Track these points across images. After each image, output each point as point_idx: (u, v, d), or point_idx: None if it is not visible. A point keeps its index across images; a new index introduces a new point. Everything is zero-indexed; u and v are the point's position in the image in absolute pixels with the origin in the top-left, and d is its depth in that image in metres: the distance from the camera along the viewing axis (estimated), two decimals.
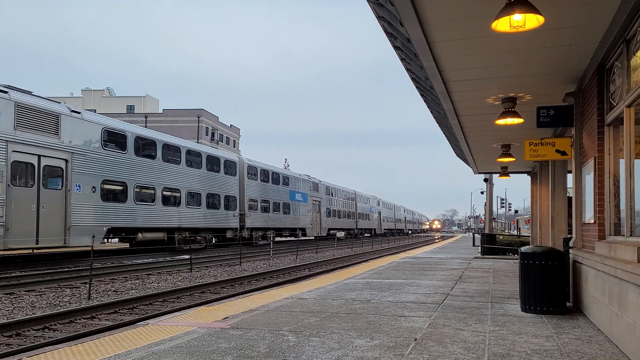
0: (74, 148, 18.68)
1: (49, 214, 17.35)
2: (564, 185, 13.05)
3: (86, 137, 19.34)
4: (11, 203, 15.90)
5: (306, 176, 44.15)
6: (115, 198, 20.97)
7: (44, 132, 17.39)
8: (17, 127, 16.34)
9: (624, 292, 5.01)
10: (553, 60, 7.12)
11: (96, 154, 19.79)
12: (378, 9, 6.07)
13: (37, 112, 17.16)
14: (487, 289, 9.96)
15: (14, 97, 16.35)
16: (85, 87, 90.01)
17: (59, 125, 17.98)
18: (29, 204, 16.61)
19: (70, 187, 18.37)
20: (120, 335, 5.72)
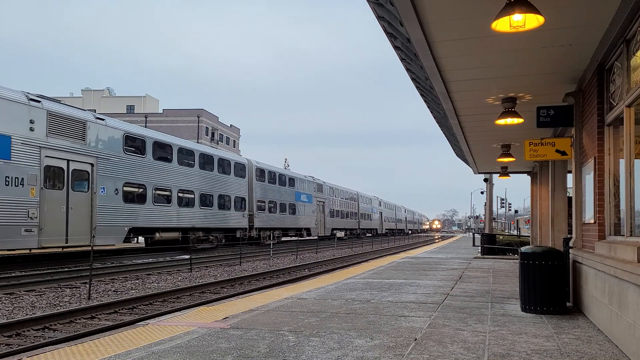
0: (99, 153, 19.85)
1: (77, 215, 18.57)
2: (564, 185, 13.05)
3: (109, 142, 20.50)
4: (44, 205, 17.07)
5: (311, 177, 45.05)
6: (136, 200, 22.03)
7: (72, 138, 18.55)
8: (48, 134, 17.49)
9: (624, 292, 5.01)
10: (553, 60, 7.12)
11: (118, 158, 20.90)
12: (378, 9, 6.07)
13: (66, 120, 18.29)
14: (487, 289, 9.96)
15: (46, 106, 17.53)
16: (85, 87, 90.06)
17: (85, 132, 19.18)
18: (60, 206, 17.77)
19: (96, 189, 19.55)
20: (120, 335, 5.72)
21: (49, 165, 17.43)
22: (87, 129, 19.22)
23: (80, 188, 18.92)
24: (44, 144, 17.26)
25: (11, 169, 16.11)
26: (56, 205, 17.55)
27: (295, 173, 42.81)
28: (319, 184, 46.80)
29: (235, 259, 22.89)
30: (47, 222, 17.09)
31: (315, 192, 45.32)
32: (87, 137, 19.24)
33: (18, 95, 16.69)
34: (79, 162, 18.75)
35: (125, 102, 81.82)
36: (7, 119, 16.00)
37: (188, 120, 67.15)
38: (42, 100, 17.52)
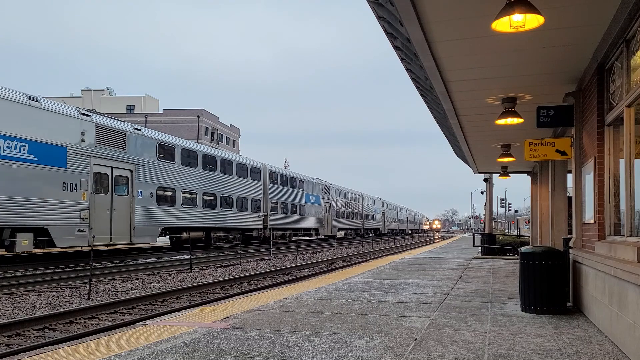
0: (137, 160, 21.98)
1: (119, 216, 20.73)
2: (564, 185, 13.04)
3: (145, 151, 22.67)
4: (93, 207, 19.22)
5: (318, 180, 47.31)
6: (167, 202, 24.22)
7: (115, 147, 20.70)
8: (96, 144, 19.67)
9: (624, 292, 5.01)
10: (553, 60, 7.12)
11: (152, 165, 23.10)
12: (378, 9, 6.07)
13: (110, 131, 20.49)
14: (487, 289, 9.96)
15: (93, 119, 19.78)
16: (86, 87, 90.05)
17: (125, 141, 21.33)
18: (105, 208, 20.00)
19: (134, 193, 21.68)
20: (120, 335, 5.72)
21: (97, 172, 19.64)
22: (126, 138, 21.40)
23: (121, 192, 21.01)
24: (93, 153, 19.46)
25: (67, 176, 18.25)
26: (102, 207, 19.80)
27: (304, 175, 44.35)
28: (326, 185, 48.91)
29: (235, 259, 22.90)
30: (95, 223, 19.26)
31: (323, 193, 47.54)
32: (127, 146, 21.41)
33: (71, 110, 19.18)
34: (120, 169, 20.94)
35: (125, 102, 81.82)
36: (63, 132, 18.20)
37: (188, 120, 67.14)
38: (91, 114, 19.99)
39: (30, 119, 16.94)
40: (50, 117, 17.73)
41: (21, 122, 16.59)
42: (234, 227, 30.33)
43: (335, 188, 52.24)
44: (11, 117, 16.24)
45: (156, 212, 23.08)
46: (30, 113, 16.99)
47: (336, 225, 51.34)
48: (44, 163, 17.38)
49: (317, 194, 45.96)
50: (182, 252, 25.51)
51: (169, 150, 24.46)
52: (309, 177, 45.07)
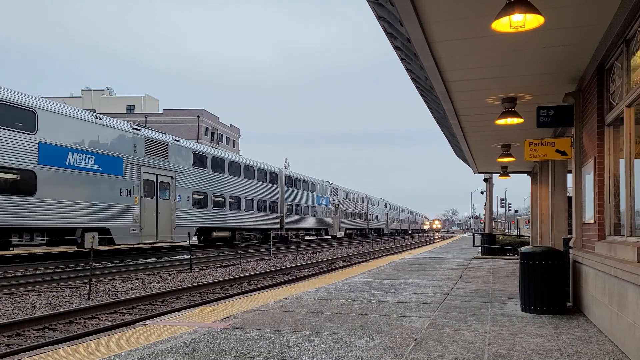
0: (176, 168, 24.89)
1: (163, 217, 23.61)
2: (564, 185, 13.04)
3: (183, 159, 25.55)
4: (143, 210, 22.03)
5: (327, 182, 50.16)
6: (200, 205, 26.94)
7: (159, 157, 23.60)
8: (145, 155, 22.52)
9: (624, 292, 5.01)
10: (553, 60, 7.12)
11: (189, 172, 25.94)
12: (378, 9, 6.07)
13: (155, 142, 23.44)
14: (487, 289, 9.96)
15: (143, 133, 22.76)
16: (86, 87, 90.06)
17: (167, 151, 24.30)
18: (152, 210, 22.79)
19: (174, 197, 24.62)
20: (120, 335, 5.72)
21: (145, 179, 22.51)
22: (168, 149, 24.34)
23: (163, 196, 23.80)
24: (142, 162, 22.31)
25: (123, 183, 21.07)
26: (149, 210, 22.62)
27: (315, 179, 47.02)
28: (335, 188, 51.79)
29: (235, 259, 22.90)
30: (144, 224, 22.13)
31: (331, 195, 50.54)
32: (169, 155, 24.37)
33: (126, 125, 22.08)
34: (163, 176, 23.86)
35: (125, 102, 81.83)
36: (120, 144, 21.10)
37: (188, 120, 67.16)
38: (141, 129, 23.05)
39: (95, 135, 19.86)
40: (110, 132, 20.73)
41: (89, 138, 19.54)
42: (255, 227, 33.32)
43: (343, 190, 55.01)
44: (81, 134, 19.17)
45: (192, 214, 26.05)
46: (95, 129, 19.89)
47: (344, 225, 54.32)
48: (106, 172, 20.31)
49: (327, 196, 48.92)
50: (183, 252, 25.64)
51: (201, 158, 27.37)
52: (319, 180, 47.75)
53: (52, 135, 17.97)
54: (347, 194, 56.72)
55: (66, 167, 18.42)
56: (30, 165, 17.07)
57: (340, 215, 53.25)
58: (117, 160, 20.85)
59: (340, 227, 53.05)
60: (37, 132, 17.36)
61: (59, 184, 18.10)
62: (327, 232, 48.34)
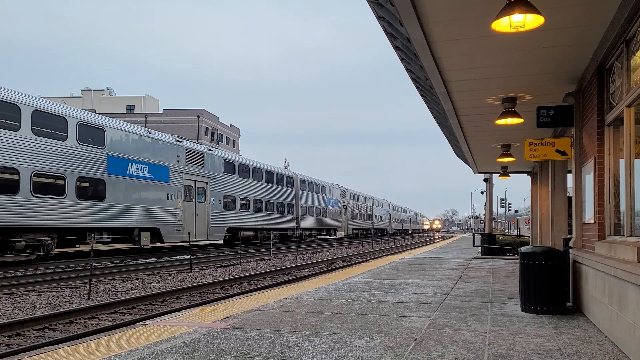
0: (210, 174, 28.22)
1: (200, 219, 26.94)
2: (564, 185, 13.04)
3: (215, 167, 28.92)
4: (184, 212, 25.56)
5: (337, 185, 53.50)
6: (230, 207, 30.44)
7: (196, 165, 27.02)
8: (186, 164, 25.96)
9: (624, 292, 5.01)
10: (553, 60, 7.12)
11: (220, 178, 29.33)
12: (378, 9, 6.07)
13: (194, 152, 27.00)
14: (487, 289, 9.96)
15: (184, 144, 26.35)
16: (86, 87, 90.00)
17: (203, 160, 27.63)
18: (191, 212, 26.25)
19: (209, 200, 27.96)
20: (120, 335, 5.72)
21: (186, 184, 25.94)
22: (204, 158, 27.66)
23: (200, 200, 27.08)
24: (184, 170, 25.71)
25: (170, 188, 24.52)
26: (189, 212, 26.05)
27: (326, 182, 50.56)
28: (343, 190, 55.26)
29: (235, 259, 22.90)
30: (185, 224, 25.51)
31: (340, 197, 53.85)
32: (204, 163, 27.67)
33: (171, 138, 25.83)
34: (200, 182, 27.20)
35: (125, 102, 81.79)
36: (167, 155, 24.66)
37: (188, 120, 67.12)
38: (183, 141, 26.62)
39: (148, 147, 23.29)
40: (159, 144, 24.21)
41: (143, 150, 22.94)
42: (274, 227, 36.39)
43: (350, 192, 58.62)
44: (137, 147, 22.66)
45: (223, 216, 29.51)
46: (147, 142, 23.36)
47: (351, 225, 57.96)
48: (157, 179, 23.67)
49: (336, 198, 52.34)
50: (183, 252, 25.68)
51: (230, 165, 30.82)
52: (330, 183, 51.41)
53: (116, 149, 21.46)
54: (354, 195, 60.03)
55: (127, 175, 21.90)
56: (101, 175, 20.57)
57: (349, 216, 56.78)
58: (164, 169, 24.41)
59: (349, 227, 56.78)
60: (105, 147, 20.91)
61: (122, 190, 21.53)
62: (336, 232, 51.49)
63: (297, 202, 41.23)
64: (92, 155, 20.09)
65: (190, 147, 26.81)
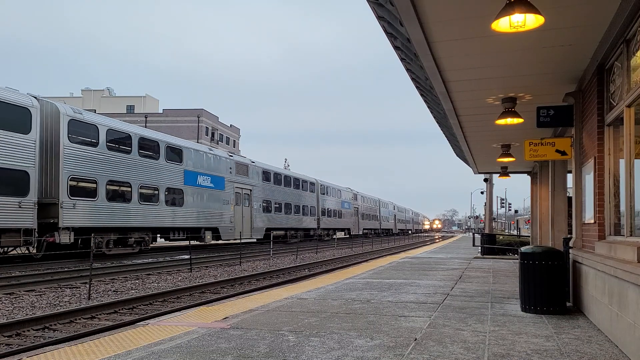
0: (253, 183, 34.10)
1: (246, 220, 32.87)
2: (564, 185, 13.04)
3: (256, 176, 34.91)
4: (235, 215, 31.34)
5: (349, 189, 59.17)
6: (267, 210, 36.52)
7: (243, 175, 32.84)
8: (236, 174, 31.69)
9: (624, 292, 5.01)
10: (553, 60, 7.12)
11: (260, 185, 35.26)
12: (378, 9, 6.07)
13: (241, 165, 32.77)
14: (487, 289, 9.96)
15: (234, 158, 32.47)
16: (86, 87, 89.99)
17: (247, 171, 33.60)
18: (240, 215, 32.11)
19: (252, 205, 33.91)
20: (120, 335, 5.72)
21: (236, 192, 31.60)
22: (248, 169, 33.63)
23: (245, 205, 32.94)
24: (234, 180, 31.39)
25: (225, 195, 30.15)
26: (239, 215, 31.83)
27: (341, 186, 56.44)
28: (355, 193, 60.97)
29: (235, 259, 22.90)
30: (236, 225, 31.25)
31: (352, 200, 59.36)
32: (249, 174, 33.59)
33: (225, 153, 31.68)
34: (245, 189, 33.00)
35: (125, 102, 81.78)
36: (222, 168, 30.09)
37: (188, 120, 67.10)
38: (234, 155, 33.25)
39: (209, 161, 28.76)
40: (217, 159, 29.65)
41: (206, 164, 28.44)
42: (300, 228, 42.97)
43: (361, 195, 64.13)
44: (203, 162, 28.20)
45: (263, 218, 35.50)
46: (209, 157, 28.77)
47: (362, 225, 63.51)
48: (216, 188, 29.11)
49: (349, 201, 57.93)
50: (183, 252, 25.70)
51: (267, 175, 36.74)
52: (344, 187, 57.16)
53: (190, 164, 26.82)
54: (364, 198, 65.62)
55: (197, 185, 27.27)
56: (180, 186, 25.88)
57: (360, 217, 62.37)
58: (221, 179, 29.88)
59: (360, 227, 62.36)
60: (183, 163, 26.28)
61: (193, 197, 26.97)
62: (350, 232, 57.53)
63: (318, 205, 47.28)
64: (175, 170, 25.53)
65: (239, 160, 32.95)
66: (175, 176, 25.36)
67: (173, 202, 25.23)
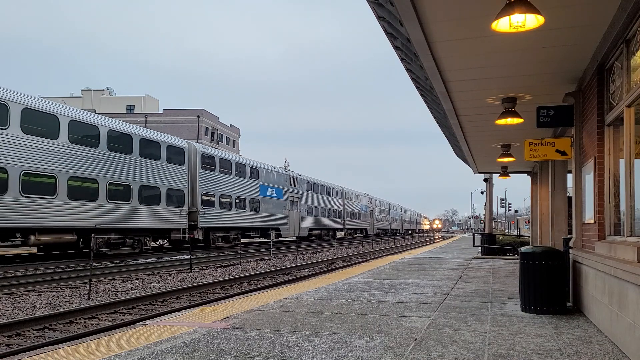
0: (300, 192, 42.65)
1: (295, 222, 41.03)
2: (564, 185, 13.04)
3: (303, 186, 43.62)
4: (289, 217, 39.58)
5: (366, 194, 67.81)
6: (310, 214, 45.11)
7: (294, 187, 41.36)
8: (289, 185, 39.96)
9: (624, 292, 5.01)
10: (553, 60, 7.12)
11: (305, 194, 44.08)
12: (378, 9, 6.07)
13: (293, 178, 41.46)
14: (487, 289, 9.96)
15: (289, 173, 40.98)
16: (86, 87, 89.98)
17: (297, 183, 42.15)
18: (292, 218, 40.50)
19: (300, 209, 42.52)
20: (120, 335, 5.72)
21: (289, 200, 39.98)
22: (297, 181, 42.29)
23: (295, 209, 41.36)
24: (288, 190, 39.76)
25: (283, 203, 38.73)
26: (291, 217, 40.36)
27: (362, 192, 65.65)
28: (370, 197, 69.46)
29: (235, 259, 22.90)
30: (290, 226, 39.70)
31: (369, 204, 67.91)
32: (297, 185, 42.22)
33: (282, 170, 40.62)
34: (295, 197, 41.34)
35: (125, 102, 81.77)
36: (281, 181, 38.80)
37: (188, 120, 67.09)
38: (287, 170, 41.45)
39: (274, 176, 37.58)
40: (278, 174, 38.44)
41: (272, 178, 37.11)
42: (331, 227, 51.82)
43: (375, 199, 72.50)
44: (270, 177, 36.91)
45: (307, 220, 44.36)
46: (273, 172, 37.62)
47: (376, 226, 71.64)
48: (278, 197, 37.80)
49: (366, 204, 66.35)
50: (183, 252, 25.69)
51: (309, 185, 45.46)
52: (362, 193, 66.00)
53: (263, 179, 35.53)
54: (378, 202, 74.16)
55: (267, 196, 35.93)
56: (257, 197, 34.47)
57: (374, 218, 70.39)
58: (280, 190, 38.45)
59: (374, 227, 70.38)
60: (259, 179, 34.96)
61: (265, 205, 35.60)
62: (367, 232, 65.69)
63: (344, 209, 56.13)
64: (255, 185, 34.29)
65: (291, 175, 41.53)
66: (255, 189, 34.27)
67: (253, 209, 33.93)
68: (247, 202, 32.86)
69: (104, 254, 21.18)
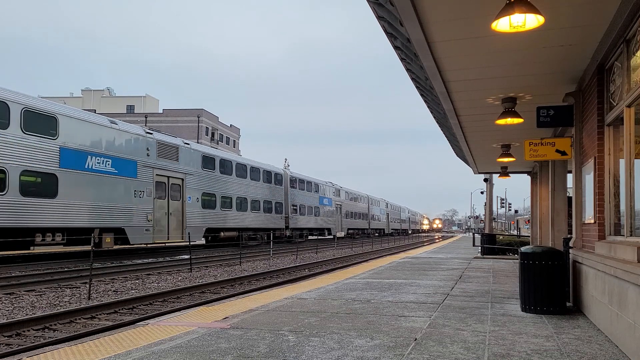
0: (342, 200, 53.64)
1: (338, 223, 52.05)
2: (564, 185, 13.04)
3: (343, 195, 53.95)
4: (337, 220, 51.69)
5: (384, 199, 77.75)
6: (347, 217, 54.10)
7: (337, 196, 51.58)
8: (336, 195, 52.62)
9: (624, 292, 5.01)
10: (553, 60, 7.12)
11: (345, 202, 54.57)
12: (378, 9, 6.07)
13: (337, 189, 52.95)
14: (487, 289, 9.96)
15: (334, 185, 53.12)
16: (86, 87, 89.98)
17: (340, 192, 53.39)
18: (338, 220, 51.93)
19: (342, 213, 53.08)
20: (120, 335, 5.72)
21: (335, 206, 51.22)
22: (340, 191, 53.02)
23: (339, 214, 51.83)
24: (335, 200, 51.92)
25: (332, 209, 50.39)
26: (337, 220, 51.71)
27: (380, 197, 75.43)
28: (386, 202, 79.16)
29: (235, 259, 22.90)
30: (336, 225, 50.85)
31: (385, 207, 77.76)
32: (340, 195, 53.05)
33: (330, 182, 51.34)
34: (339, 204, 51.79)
35: (125, 102, 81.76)
36: (329, 192, 49.59)
37: (188, 120, 67.10)
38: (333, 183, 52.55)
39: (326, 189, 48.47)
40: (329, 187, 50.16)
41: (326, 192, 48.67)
42: (361, 228, 61.92)
43: (391, 204, 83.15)
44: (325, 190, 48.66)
45: (347, 222, 55.01)
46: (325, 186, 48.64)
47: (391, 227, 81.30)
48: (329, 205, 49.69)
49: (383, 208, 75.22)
50: (183, 252, 25.71)
51: (348, 193, 56.00)
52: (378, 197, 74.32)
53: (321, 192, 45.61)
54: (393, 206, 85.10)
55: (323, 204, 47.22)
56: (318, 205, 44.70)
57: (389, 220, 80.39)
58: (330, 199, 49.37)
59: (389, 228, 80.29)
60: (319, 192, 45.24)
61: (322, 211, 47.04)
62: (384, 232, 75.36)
63: (369, 212, 65.27)
64: (316, 197, 44.53)
65: (336, 185, 52.08)
66: (316, 200, 45.65)
67: (315, 214, 44.92)
68: (312, 209, 44.77)
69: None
